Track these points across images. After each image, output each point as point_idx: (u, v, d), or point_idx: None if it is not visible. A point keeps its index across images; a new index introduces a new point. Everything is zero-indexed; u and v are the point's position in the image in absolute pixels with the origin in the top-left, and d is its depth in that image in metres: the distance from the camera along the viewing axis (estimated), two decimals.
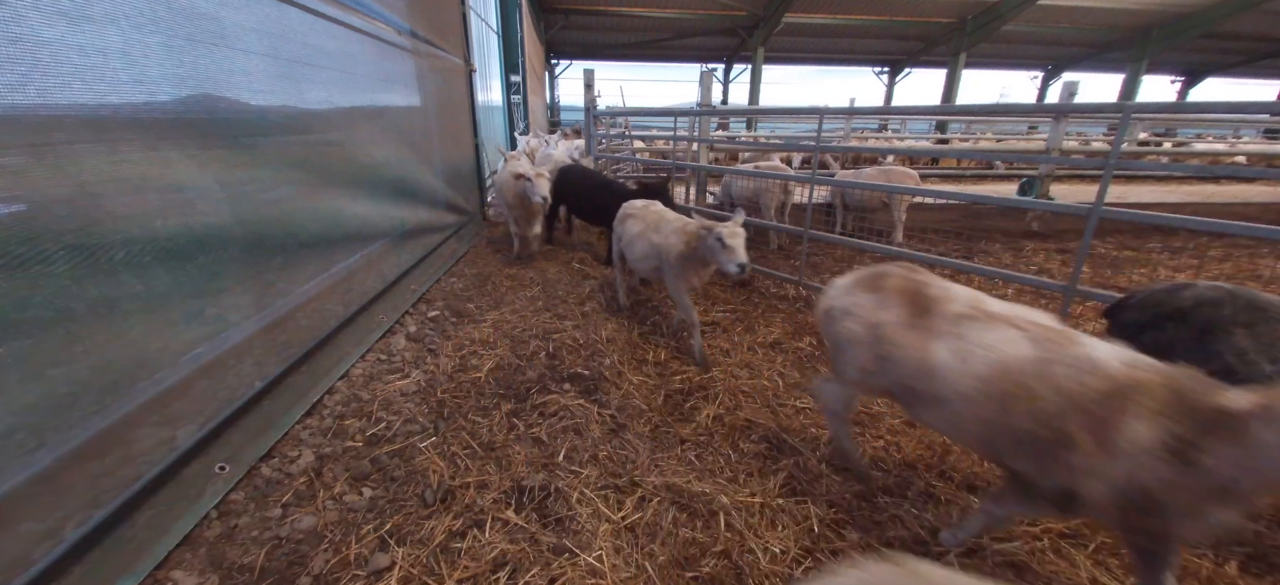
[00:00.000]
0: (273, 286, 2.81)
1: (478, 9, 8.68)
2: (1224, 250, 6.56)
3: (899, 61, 26.87)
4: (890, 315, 1.94)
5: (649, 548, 2.06)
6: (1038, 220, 7.62)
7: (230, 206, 2.49)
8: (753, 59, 21.63)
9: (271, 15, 2.85)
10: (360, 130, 3.97)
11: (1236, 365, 1.81)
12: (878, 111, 14.73)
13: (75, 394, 1.78)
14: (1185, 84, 27.78)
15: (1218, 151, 11.84)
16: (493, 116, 10.18)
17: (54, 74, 1.73)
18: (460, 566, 1.95)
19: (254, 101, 2.72)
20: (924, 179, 7.93)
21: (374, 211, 4.09)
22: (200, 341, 2.31)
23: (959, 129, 16.22)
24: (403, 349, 3.59)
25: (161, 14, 2.14)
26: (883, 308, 1.97)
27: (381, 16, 4.20)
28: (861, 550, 2.07)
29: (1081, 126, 14.21)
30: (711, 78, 7.23)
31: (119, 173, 1.95)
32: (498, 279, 5.06)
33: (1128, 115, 3.27)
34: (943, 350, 1.78)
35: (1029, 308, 1.81)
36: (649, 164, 9.11)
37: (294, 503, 2.23)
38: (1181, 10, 18.61)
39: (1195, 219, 2.91)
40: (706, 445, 2.68)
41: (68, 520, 1.74)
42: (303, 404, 2.82)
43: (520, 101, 12.95)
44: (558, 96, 28.06)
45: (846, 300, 2.11)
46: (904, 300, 1.94)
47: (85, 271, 1.79)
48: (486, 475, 2.41)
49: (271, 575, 1.91)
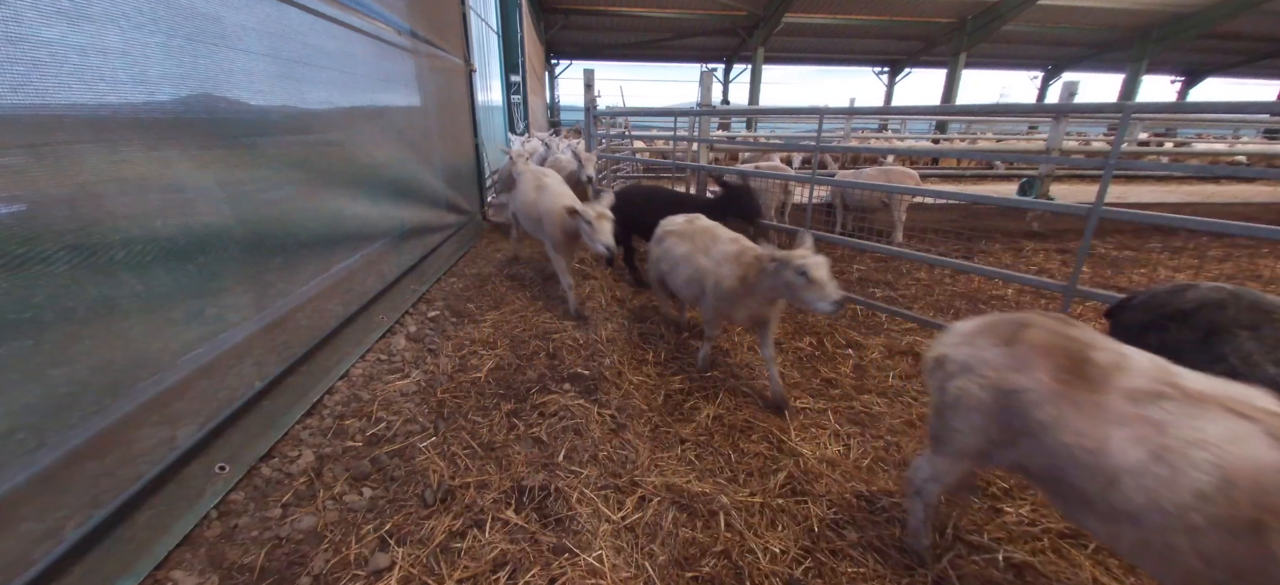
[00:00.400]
0: (273, 286, 2.81)
1: (478, 9, 8.68)
2: (1224, 250, 6.56)
3: (899, 61, 26.86)
4: (1033, 380, 1.50)
5: (649, 548, 2.06)
6: (1038, 220, 7.62)
7: (230, 206, 2.49)
8: (753, 59, 21.62)
9: (271, 15, 2.85)
10: (360, 130, 3.96)
11: (1241, 368, 1.80)
12: (878, 111, 14.75)
13: (75, 394, 1.78)
14: (1185, 84, 27.77)
15: (1218, 151, 11.84)
16: (493, 116, 10.18)
17: (54, 74, 1.72)
18: (460, 566, 1.95)
19: (254, 101, 2.72)
20: (924, 179, 7.93)
21: (374, 211, 4.09)
22: (200, 341, 2.31)
23: (959, 129, 16.22)
24: (403, 349, 3.59)
25: (161, 14, 2.14)
26: (1021, 368, 1.53)
27: (381, 16, 4.20)
28: (861, 550, 2.07)
29: (1081, 126, 14.22)
30: (711, 78, 7.23)
31: (119, 173, 1.95)
32: (498, 279, 5.06)
33: (1128, 115, 3.27)
34: (1127, 443, 1.32)
35: (1238, 384, 1.36)
36: (649, 164, 9.11)
37: (294, 503, 2.23)
38: (1181, 10, 18.60)
39: (1195, 219, 2.91)
40: (706, 445, 2.68)
41: (68, 520, 1.74)
42: (303, 404, 2.81)
43: (520, 101, 12.94)
44: (558, 96, 28.06)
45: (967, 352, 1.67)
46: (1054, 361, 1.49)
47: (85, 271, 1.79)
48: (486, 475, 2.41)
49: (271, 575, 1.91)
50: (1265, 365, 1.78)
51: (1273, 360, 1.77)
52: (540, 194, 4.24)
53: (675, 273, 3.35)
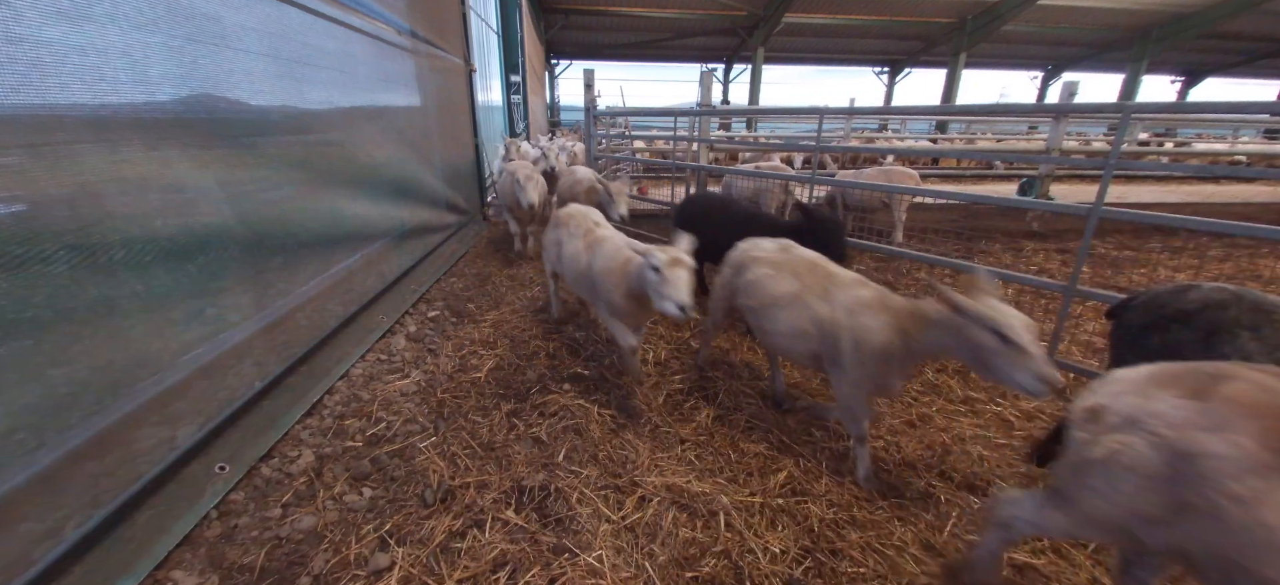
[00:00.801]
0: (273, 286, 2.81)
1: (478, 9, 8.68)
2: (1224, 250, 6.56)
3: (899, 61, 26.88)
4: (1232, 445, 1.20)
5: (649, 548, 2.06)
6: (1038, 220, 7.62)
7: (230, 206, 2.49)
8: (753, 59, 21.64)
9: (271, 15, 2.85)
10: (360, 130, 3.97)
11: None
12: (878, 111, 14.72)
13: (75, 394, 1.78)
14: (1185, 84, 27.79)
15: (1218, 151, 11.84)
16: (493, 116, 10.18)
17: (54, 74, 1.73)
18: (460, 566, 1.95)
19: (254, 101, 2.73)
20: (924, 179, 7.93)
21: (374, 211, 4.10)
22: (200, 341, 2.31)
23: (959, 129, 16.23)
24: (403, 349, 3.59)
25: (161, 14, 2.14)
26: (1216, 429, 1.23)
27: (381, 16, 4.20)
28: (862, 550, 2.06)
29: (1081, 126, 14.22)
30: (711, 78, 7.23)
31: (119, 173, 1.95)
32: (498, 279, 5.06)
33: (1128, 115, 3.27)
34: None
35: None
36: (649, 164, 9.12)
37: (294, 503, 2.23)
38: (1181, 10, 18.61)
39: (1195, 219, 2.91)
40: (706, 445, 2.68)
41: (68, 520, 1.74)
42: (303, 404, 2.81)
43: (520, 101, 12.95)
44: (558, 96, 28.09)
45: (1135, 404, 1.36)
46: (1265, 426, 1.18)
47: (85, 271, 1.79)
48: (486, 475, 2.41)
49: (271, 575, 1.91)
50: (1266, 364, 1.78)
51: (1274, 360, 1.77)
52: (594, 251, 3.09)
53: (770, 318, 2.57)
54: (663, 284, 2.44)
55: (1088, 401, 1.49)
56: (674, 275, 2.43)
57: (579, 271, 3.22)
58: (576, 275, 3.24)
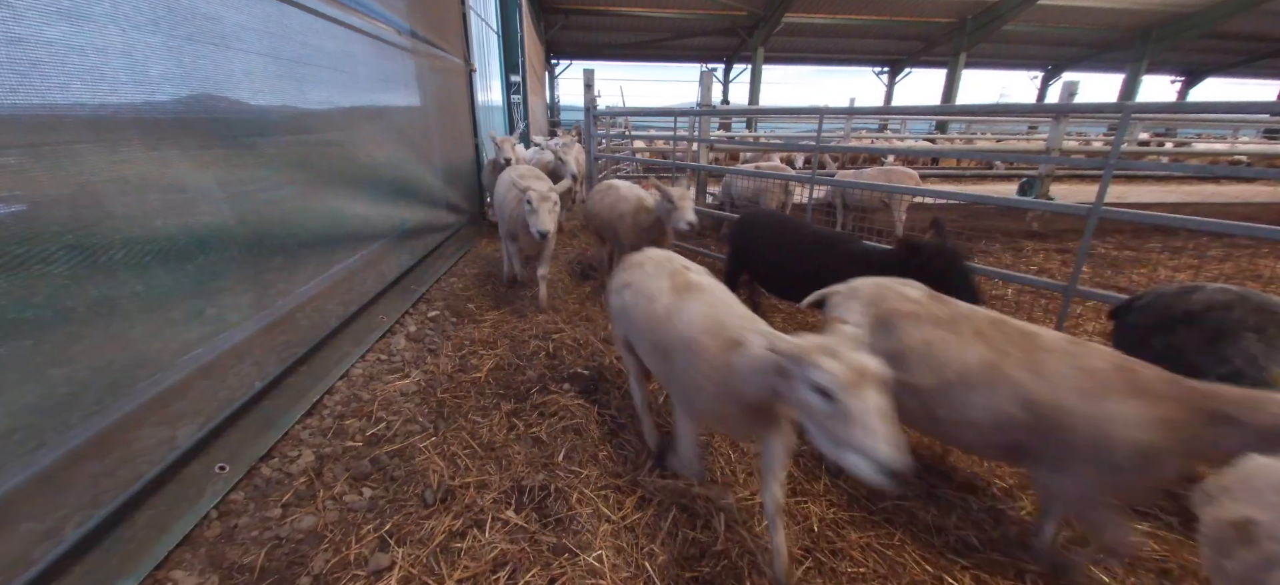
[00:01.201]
0: (273, 286, 2.81)
1: (478, 9, 8.67)
2: (1224, 250, 6.56)
3: (899, 61, 26.84)
4: None
5: (649, 548, 2.06)
6: (1038, 220, 7.62)
7: (230, 206, 2.49)
8: (753, 59, 21.61)
9: (271, 15, 2.85)
10: (360, 130, 3.96)
11: (1246, 370, 1.80)
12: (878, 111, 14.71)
13: (75, 394, 1.78)
14: (1185, 84, 27.76)
15: (1218, 151, 11.84)
16: (493, 116, 10.18)
17: (54, 74, 1.73)
18: (460, 566, 1.95)
19: (254, 101, 2.72)
20: (924, 179, 7.93)
21: (374, 211, 4.09)
22: (200, 341, 2.31)
23: (959, 129, 16.22)
24: (403, 349, 3.59)
25: (161, 14, 2.14)
26: None
27: (381, 16, 4.20)
28: (862, 550, 2.06)
29: (1081, 126, 14.22)
30: (711, 78, 7.23)
31: (119, 173, 1.95)
32: (498, 279, 5.05)
33: (1128, 115, 3.27)
34: None
35: None
36: (649, 164, 9.12)
37: (294, 503, 2.23)
38: (1181, 10, 18.59)
39: (1195, 219, 2.91)
40: (706, 445, 2.68)
41: (68, 520, 1.74)
42: (303, 404, 2.81)
43: (520, 101, 12.94)
44: (558, 96, 28.05)
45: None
46: None
47: (85, 271, 1.79)
48: (486, 475, 2.41)
49: (271, 575, 1.91)
50: (1270, 366, 1.79)
51: (1277, 361, 1.77)
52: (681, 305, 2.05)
53: (947, 401, 1.84)
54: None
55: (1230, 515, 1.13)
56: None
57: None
58: (653, 345, 2.11)
